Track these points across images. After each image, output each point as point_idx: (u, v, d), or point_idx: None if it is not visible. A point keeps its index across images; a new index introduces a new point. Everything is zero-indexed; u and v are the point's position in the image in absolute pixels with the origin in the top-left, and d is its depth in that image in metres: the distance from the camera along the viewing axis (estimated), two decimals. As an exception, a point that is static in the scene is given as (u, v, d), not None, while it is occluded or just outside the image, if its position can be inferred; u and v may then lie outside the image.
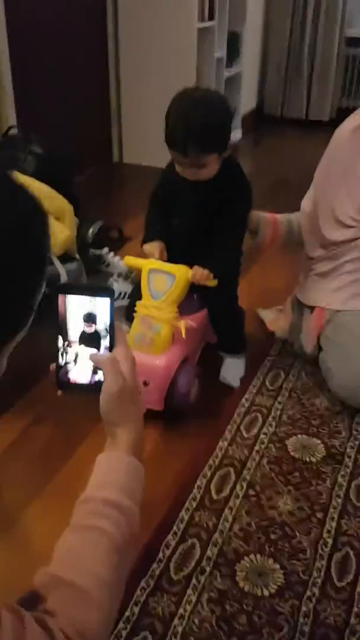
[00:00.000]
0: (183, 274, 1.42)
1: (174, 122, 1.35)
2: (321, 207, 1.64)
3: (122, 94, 3.51)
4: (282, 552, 1.17)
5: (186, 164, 1.39)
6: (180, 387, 1.47)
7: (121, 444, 0.75)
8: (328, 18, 4.33)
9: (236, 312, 1.67)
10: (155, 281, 1.45)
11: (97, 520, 0.66)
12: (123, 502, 0.69)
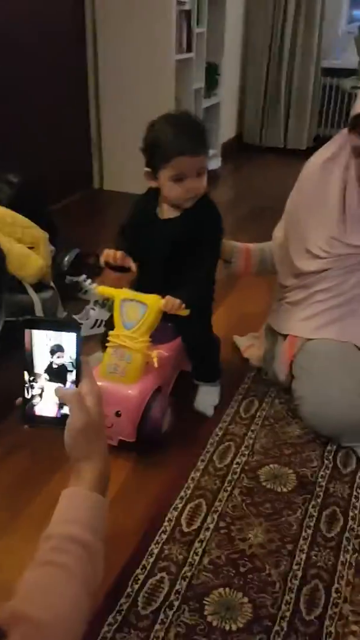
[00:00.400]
0: (155, 303, 1.43)
1: (177, 131, 1.37)
2: (292, 238, 1.66)
3: (103, 123, 3.56)
4: (251, 585, 1.16)
5: (193, 171, 1.38)
6: (152, 417, 1.46)
7: (85, 479, 0.75)
8: (305, 49, 4.45)
9: (210, 340, 1.67)
10: (128, 310, 1.45)
11: (59, 556, 0.66)
12: (85, 538, 0.69)
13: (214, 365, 1.70)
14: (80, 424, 0.75)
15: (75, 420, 0.75)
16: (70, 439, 0.76)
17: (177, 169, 1.38)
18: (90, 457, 0.76)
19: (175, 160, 1.37)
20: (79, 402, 0.76)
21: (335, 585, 1.16)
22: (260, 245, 1.82)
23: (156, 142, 1.38)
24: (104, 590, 1.14)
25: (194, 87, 3.59)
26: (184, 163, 1.37)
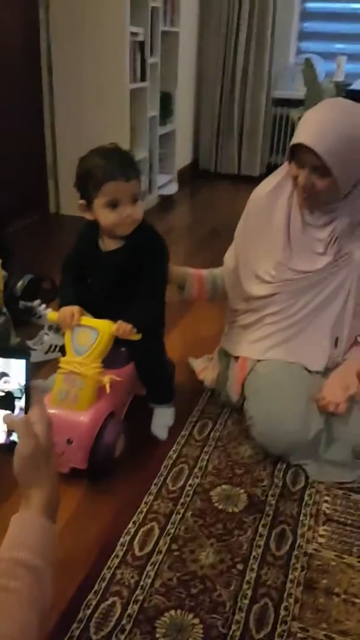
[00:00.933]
0: (107, 328, 1.44)
1: (105, 159, 1.39)
2: (242, 263, 1.71)
3: (58, 150, 3.60)
4: (202, 606, 1.17)
5: (126, 196, 1.40)
6: (105, 443, 1.45)
7: (34, 505, 0.76)
8: (255, 80, 4.61)
9: (162, 363, 1.70)
10: (79, 336, 1.46)
11: (8, 581, 0.67)
12: (34, 562, 0.70)
13: (167, 388, 1.72)
14: (29, 450, 0.76)
15: (23, 447, 0.76)
16: (18, 465, 0.76)
17: (109, 194, 1.39)
18: (39, 483, 0.77)
19: (107, 186, 1.38)
20: (27, 429, 0.77)
21: (284, 604, 1.18)
22: (212, 271, 1.86)
23: (87, 172, 1.41)
24: (55, 615, 1.13)
25: (149, 115, 3.67)
26: (116, 188, 1.39)
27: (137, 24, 3.35)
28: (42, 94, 3.46)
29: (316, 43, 4.72)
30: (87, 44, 3.27)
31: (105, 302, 1.53)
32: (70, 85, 3.39)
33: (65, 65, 3.36)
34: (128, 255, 1.48)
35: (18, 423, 0.77)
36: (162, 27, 3.73)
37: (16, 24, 3.16)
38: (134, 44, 3.36)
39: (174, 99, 4.17)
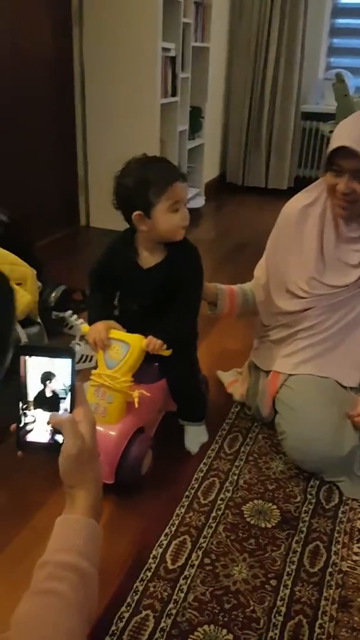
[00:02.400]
0: (137, 343, 1.44)
1: (159, 166, 1.42)
2: (273, 278, 1.71)
3: (89, 164, 3.65)
4: (235, 621, 1.16)
5: (186, 194, 1.44)
6: (131, 459, 1.45)
7: (79, 506, 0.76)
8: (285, 94, 4.63)
9: (193, 381, 1.67)
10: (110, 350, 1.47)
11: (54, 583, 0.67)
12: (80, 564, 0.69)
13: (198, 406, 1.70)
14: (75, 450, 0.75)
15: (69, 446, 0.75)
16: (64, 465, 0.76)
17: (174, 196, 1.40)
18: (84, 483, 0.77)
19: (172, 188, 1.39)
20: (74, 428, 0.76)
21: (319, 621, 1.17)
22: (243, 287, 1.85)
23: (145, 180, 1.39)
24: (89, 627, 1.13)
25: (178, 130, 3.70)
26: (179, 189, 1.41)
27: (169, 39, 3.39)
28: (75, 109, 3.52)
29: (345, 58, 4.73)
30: (120, 59, 3.32)
31: (140, 319, 1.52)
32: (102, 100, 3.44)
33: (97, 81, 3.42)
34: (167, 273, 1.48)
35: (65, 422, 0.76)
36: (193, 43, 3.78)
37: (50, 40, 3.23)
38: (166, 59, 3.40)
39: (204, 113, 4.21)
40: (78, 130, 3.58)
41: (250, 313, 1.83)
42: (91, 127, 3.55)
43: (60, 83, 3.37)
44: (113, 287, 1.59)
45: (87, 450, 0.76)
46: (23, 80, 2.99)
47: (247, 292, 1.82)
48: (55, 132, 3.40)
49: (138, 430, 1.50)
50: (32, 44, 3.04)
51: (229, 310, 1.80)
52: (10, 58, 2.88)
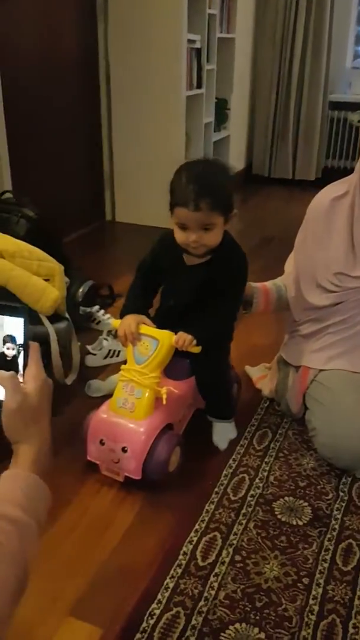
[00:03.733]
0: (167, 339, 1.43)
1: (186, 181, 1.36)
2: (302, 273, 1.68)
3: (115, 158, 3.64)
4: (267, 620, 1.15)
5: (194, 224, 1.37)
6: (158, 454, 1.43)
7: (21, 460, 0.78)
8: (312, 83, 4.55)
9: (222, 381, 1.65)
10: (139, 345, 1.46)
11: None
12: (15, 514, 0.71)
13: (226, 404, 1.68)
14: (15, 405, 0.77)
15: (8, 401, 0.77)
16: (4, 419, 0.78)
17: (178, 218, 1.39)
18: (27, 438, 0.79)
19: (176, 210, 1.38)
20: (14, 384, 0.78)
21: (352, 621, 1.15)
22: (275, 283, 1.81)
23: (171, 186, 1.40)
24: (118, 624, 1.14)
25: (204, 122, 3.67)
26: (184, 214, 1.37)
27: (194, 31, 3.36)
28: (100, 104, 3.52)
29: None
30: (145, 52, 3.30)
31: (179, 317, 1.51)
32: (127, 94, 3.43)
33: (122, 74, 3.41)
34: (210, 273, 1.46)
35: (5, 379, 0.78)
36: (219, 34, 3.74)
37: (75, 35, 3.23)
38: (191, 51, 3.37)
39: (229, 105, 4.17)
40: (104, 124, 3.58)
41: (285, 308, 1.80)
42: (116, 121, 3.54)
43: (85, 78, 3.37)
44: (158, 281, 1.58)
45: (30, 407, 0.78)
46: (49, 76, 3.00)
47: (281, 287, 1.78)
48: (81, 128, 3.40)
49: (166, 427, 1.49)
50: (57, 40, 3.04)
51: (264, 308, 1.77)
52: (36, 55, 2.89)
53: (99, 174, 3.68)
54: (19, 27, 2.73)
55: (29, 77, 2.85)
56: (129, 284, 1.62)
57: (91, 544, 1.33)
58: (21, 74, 2.76)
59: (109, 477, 1.48)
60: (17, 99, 2.69)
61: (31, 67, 2.86)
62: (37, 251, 1.95)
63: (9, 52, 2.60)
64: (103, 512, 1.42)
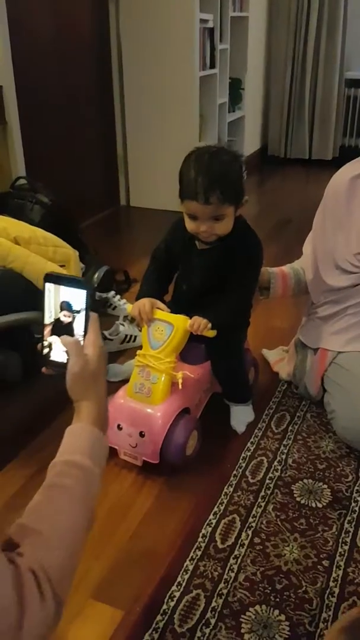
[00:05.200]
0: (181, 323, 1.42)
1: (194, 173, 1.34)
2: (321, 253, 1.66)
3: (128, 141, 3.61)
4: (287, 602, 1.15)
5: (204, 216, 1.37)
6: (176, 439, 1.43)
7: (84, 416, 0.85)
8: (327, 61, 4.47)
9: (239, 364, 1.64)
10: (154, 330, 1.46)
11: (60, 479, 0.77)
12: (84, 463, 0.79)
13: (242, 388, 1.68)
14: (77, 368, 0.84)
15: (72, 364, 0.84)
16: (69, 381, 0.85)
17: (187, 209, 1.39)
18: (88, 398, 0.85)
19: (186, 202, 1.38)
20: (78, 349, 0.85)
21: (373, 603, 1.15)
22: (293, 267, 1.79)
23: (180, 177, 1.39)
24: (140, 606, 1.15)
25: (218, 102, 3.63)
26: (193, 207, 1.36)
27: (206, 10, 3.31)
28: (113, 86, 3.48)
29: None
30: (157, 32, 3.25)
31: (193, 302, 1.51)
32: (139, 76, 3.39)
33: (135, 56, 3.37)
34: (222, 256, 1.45)
35: (70, 344, 0.85)
36: (232, 13, 3.68)
37: (86, 16, 3.20)
38: (204, 31, 3.32)
39: (244, 85, 4.11)
40: (116, 107, 3.55)
41: (303, 292, 1.77)
42: (129, 104, 3.51)
43: (97, 60, 3.34)
44: (172, 267, 1.57)
45: (90, 370, 0.85)
46: (61, 60, 2.98)
47: (299, 271, 1.76)
48: (93, 111, 3.38)
49: (183, 411, 1.49)
50: (68, 22, 3.01)
51: (282, 293, 1.75)
52: (49, 39, 2.87)
53: (113, 158, 3.66)
54: (31, 7, 2.71)
55: (41, 61, 2.83)
56: (144, 269, 1.61)
57: (111, 527, 1.34)
58: (34, 59, 2.74)
59: (127, 462, 1.49)
60: (31, 87, 2.68)
61: (44, 53, 2.83)
62: (52, 237, 1.95)
63: (21, 35, 2.58)
64: (122, 496, 1.43)
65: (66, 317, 0.88)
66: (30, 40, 2.72)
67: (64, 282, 0.88)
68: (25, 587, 0.62)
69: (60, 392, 0.88)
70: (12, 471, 1.52)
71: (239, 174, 1.40)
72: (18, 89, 2.54)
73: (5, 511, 1.38)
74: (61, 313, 0.88)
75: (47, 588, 0.65)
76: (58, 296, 0.88)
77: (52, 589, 0.65)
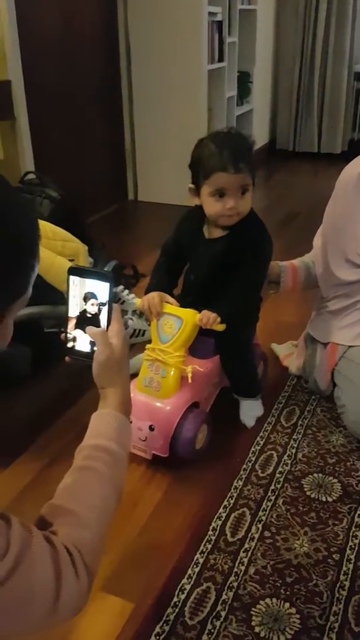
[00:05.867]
0: (190, 317, 1.42)
1: (216, 148, 1.36)
2: (331, 247, 1.65)
3: (136, 135, 3.61)
4: (298, 595, 1.15)
5: (234, 187, 1.37)
6: (185, 432, 1.43)
7: (109, 402, 0.88)
8: (336, 54, 4.44)
9: (248, 359, 1.64)
10: (164, 324, 1.46)
11: (89, 462, 0.80)
12: (111, 446, 0.82)
13: (251, 382, 1.67)
14: (104, 357, 0.87)
15: (99, 353, 0.88)
16: (96, 369, 0.88)
17: (216, 184, 1.38)
18: (113, 385, 0.89)
19: (215, 176, 1.37)
20: (104, 339, 0.88)
21: (384, 597, 1.14)
22: (304, 260, 1.78)
23: (199, 157, 1.39)
24: (150, 599, 1.15)
25: (226, 96, 3.61)
26: (224, 179, 1.36)
27: (215, 3, 3.29)
28: (121, 79, 3.47)
29: None
30: (165, 25, 3.24)
31: (201, 293, 1.50)
32: (148, 69, 3.38)
33: (143, 49, 3.35)
34: (230, 246, 1.45)
35: (97, 334, 0.89)
36: (240, 6, 3.66)
37: (94, 10, 3.19)
38: (212, 24, 3.31)
39: (252, 78, 4.09)
40: (124, 101, 3.54)
41: (314, 286, 1.76)
42: (137, 99, 3.50)
43: (105, 54, 3.33)
44: (182, 261, 1.57)
45: (116, 359, 0.88)
46: (69, 55, 2.97)
47: (310, 265, 1.75)
48: (101, 106, 3.37)
49: (193, 405, 1.49)
50: (76, 16, 3.00)
51: (293, 287, 1.74)
52: (57, 33, 2.86)
53: (121, 153, 3.65)
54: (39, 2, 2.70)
55: (49, 55, 2.82)
56: (153, 263, 1.61)
57: (121, 520, 1.34)
58: (42, 54, 2.74)
59: (137, 455, 1.49)
60: (39, 81, 2.68)
61: (51, 43, 2.83)
62: (61, 232, 1.95)
63: (29, 30, 2.58)
64: (132, 489, 1.43)
65: (93, 307, 0.91)
66: (39, 35, 2.71)
67: (87, 275, 0.90)
68: (61, 562, 0.66)
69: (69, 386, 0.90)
70: (22, 465, 1.53)
71: (253, 150, 1.43)
72: (26, 84, 2.54)
73: (16, 504, 1.39)
74: (88, 303, 0.91)
75: (80, 564, 0.69)
76: (83, 289, 0.90)
77: (85, 564, 0.69)
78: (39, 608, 0.65)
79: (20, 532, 0.64)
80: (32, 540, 0.65)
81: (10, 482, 1.47)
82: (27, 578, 0.63)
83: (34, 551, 0.64)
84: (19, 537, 0.63)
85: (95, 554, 0.73)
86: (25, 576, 0.62)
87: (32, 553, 0.64)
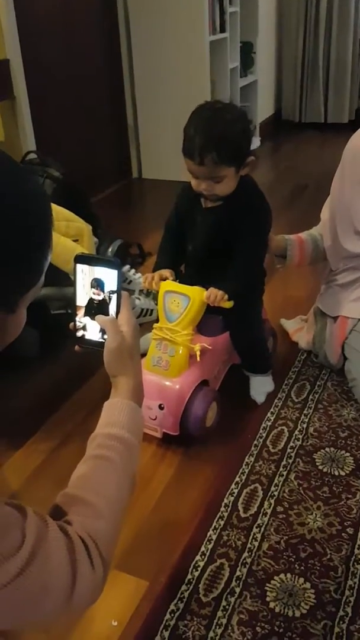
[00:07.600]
0: (197, 295, 1.41)
1: (193, 131, 1.33)
2: (339, 219, 1.61)
3: (138, 111, 3.55)
4: (312, 570, 1.15)
5: (202, 175, 1.37)
6: (195, 410, 1.43)
7: (121, 390, 0.87)
8: (341, 21, 4.33)
9: (257, 334, 1.62)
10: (171, 303, 1.44)
11: (102, 451, 0.80)
12: (123, 435, 0.82)
13: (261, 358, 1.66)
14: (115, 345, 0.86)
15: (110, 342, 0.86)
16: (107, 357, 0.87)
17: (188, 166, 1.38)
18: (124, 372, 0.87)
19: (185, 159, 1.37)
20: (115, 327, 0.87)
21: None
22: (311, 233, 1.74)
23: (184, 131, 1.37)
24: (164, 577, 1.15)
25: (229, 67, 3.53)
26: (189, 166, 1.37)
27: (215, -29, 3.20)
28: (121, 53, 3.40)
29: None
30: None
31: (200, 265, 1.49)
32: (148, 41, 3.31)
33: (143, 21, 3.28)
34: (227, 213, 1.43)
35: (107, 322, 0.88)
36: (241, -27, 3.55)
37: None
38: (213, -6, 3.22)
39: (255, 48, 3.99)
40: (125, 76, 3.47)
41: (322, 259, 1.73)
42: (138, 72, 3.43)
43: (105, 28, 3.26)
44: (183, 232, 1.55)
45: (127, 347, 0.87)
46: (68, 29, 2.91)
47: (317, 238, 1.71)
48: (102, 82, 3.32)
49: (202, 383, 1.48)
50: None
51: (300, 260, 1.71)
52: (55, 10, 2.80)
53: (123, 130, 3.59)
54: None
55: (48, 32, 2.77)
56: (159, 241, 1.59)
57: (133, 498, 1.33)
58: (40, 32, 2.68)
59: (147, 434, 1.49)
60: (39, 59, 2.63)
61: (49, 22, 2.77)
62: (65, 212, 1.93)
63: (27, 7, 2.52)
64: (143, 467, 1.43)
65: (96, 295, 0.89)
66: (37, 13, 2.66)
67: (95, 263, 0.89)
68: (76, 552, 0.66)
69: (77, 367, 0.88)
70: (33, 446, 1.53)
71: (241, 134, 1.37)
72: (25, 62, 2.49)
73: (27, 484, 1.40)
74: (91, 291, 0.89)
75: (95, 554, 0.68)
76: (91, 277, 0.89)
77: (100, 554, 0.69)
78: (54, 599, 0.64)
79: (36, 523, 0.64)
80: (48, 532, 0.64)
81: (23, 462, 1.48)
82: (43, 569, 0.62)
83: (50, 542, 0.64)
84: (35, 529, 0.63)
85: (110, 544, 0.73)
86: (41, 568, 0.62)
87: (47, 544, 0.63)
